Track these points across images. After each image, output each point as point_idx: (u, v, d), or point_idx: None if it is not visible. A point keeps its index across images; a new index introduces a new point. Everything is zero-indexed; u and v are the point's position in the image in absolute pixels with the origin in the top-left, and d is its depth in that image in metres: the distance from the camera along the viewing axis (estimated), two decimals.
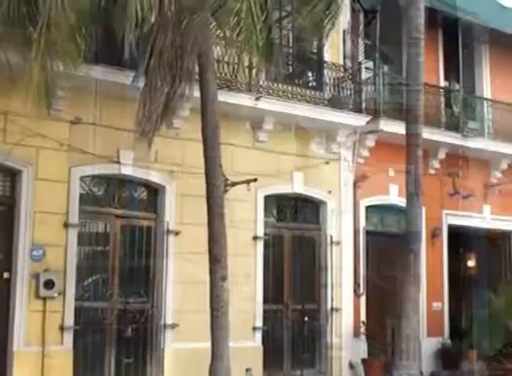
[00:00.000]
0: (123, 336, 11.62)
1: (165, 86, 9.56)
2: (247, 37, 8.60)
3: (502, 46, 16.92)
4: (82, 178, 11.51)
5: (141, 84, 9.94)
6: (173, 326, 11.93)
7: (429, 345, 15.06)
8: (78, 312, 11.19)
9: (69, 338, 10.96)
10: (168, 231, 12.11)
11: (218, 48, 11.24)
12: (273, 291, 13.41)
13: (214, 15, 8.80)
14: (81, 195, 11.49)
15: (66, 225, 11.09)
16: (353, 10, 14.53)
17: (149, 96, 9.43)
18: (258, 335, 12.95)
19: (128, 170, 11.80)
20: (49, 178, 10.95)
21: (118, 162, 11.68)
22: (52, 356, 10.61)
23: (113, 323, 11.58)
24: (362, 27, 14.85)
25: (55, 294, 10.77)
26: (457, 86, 16.65)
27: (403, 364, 10.42)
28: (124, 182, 12.07)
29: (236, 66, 11.97)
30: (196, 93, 10.13)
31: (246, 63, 9.49)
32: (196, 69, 10.07)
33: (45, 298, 10.71)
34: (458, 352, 15.28)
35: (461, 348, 15.29)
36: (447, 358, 15.20)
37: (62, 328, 10.88)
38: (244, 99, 12.49)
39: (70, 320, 10.99)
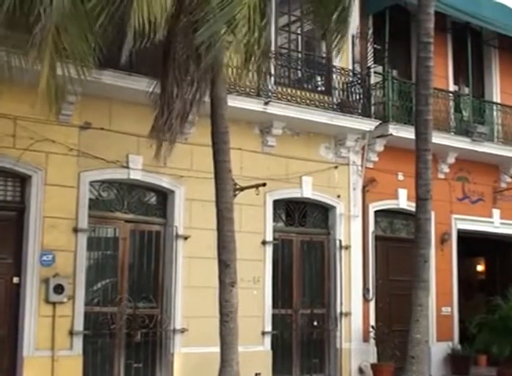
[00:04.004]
0: (132, 341, 11.64)
1: (182, 92, 9.55)
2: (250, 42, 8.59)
3: None
4: (91, 183, 11.55)
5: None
6: (182, 330, 11.94)
7: (438, 349, 15.04)
8: (88, 317, 11.22)
9: (78, 342, 10.99)
10: (177, 236, 12.13)
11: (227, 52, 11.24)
12: (282, 296, 13.41)
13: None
14: (91, 200, 11.53)
15: (75, 230, 11.12)
16: (362, 15, 14.54)
17: (167, 103, 9.43)
18: (267, 340, 12.95)
19: (137, 175, 11.83)
20: (59, 184, 10.98)
21: (127, 167, 11.71)
22: (62, 361, 10.64)
23: (122, 328, 11.60)
24: (370, 31, 14.84)
25: (65, 299, 10.79)
26: (466, 90, 16.64)
27: (412, 369, 10.35)
28: (133, 186, 12.10)
29: (244, 71, 11.97)
30: (205, 98, 10.13)
31: (254, 68, 9.47)
32: None
33: (54, 303, 10.73)
34: (467, 356, 15.24)
35: (470, 352, 15.25)
36: (456, 363, 15.15)
37: (71, 333, 10.91)
38: (253, 104, 12.51)
39: (79, 325, 11.01)
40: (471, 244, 16.93)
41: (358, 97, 14.18)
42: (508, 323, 14.26)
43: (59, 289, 10.71)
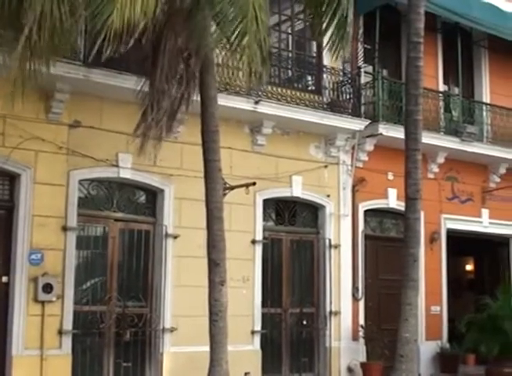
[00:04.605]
0: (121, 340, 11.61)
1: (171, 89, 9.56)
2: (250, 42, 8.58)
3: (502, 51, 16.94)
4: (81, 182, 11.52)
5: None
6: (171, 330, 11.93)
7: (427, 348, 15.08)
8: (77, 316, 11.20)
9: (67, 342, 10.96)
10: (167, 235, 12.11)
11: (218, 51, 11.23)
12: (272, 295, 13.42)
13: (216, 19, 8.79)
14: (80, 198, 11.51)
15: (64, 229, 11.08)
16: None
17: (156, 100, 9.43)
18: (257, 339, 12.95)
19: (126, 173, 11.81)
20: (48, 182, 10.93)
21: (117, 166, 11.69)
22: (51, 360, 10.60)
23: (111, 327, 11.57)
24: (361, 31, 14.86)
25: (54, 298, 10.75)
26: (456, 90, 16.68)
27: (402, 368, 10.38)
28: (122, 185, 12.07)
29: (235, 70, 11.98)
30: (196, 96, 10.13)
31: (245, 67, 9.46)
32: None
33: (43, 302, 10.69)
34: (456, 355, 15.29)
35: (459, 351, 15.29)
36: (445, 361, 15.19)
37: (60, 332, 10.88)
38: (243, 103, 12.50)
39: (68, 324, 10.98)
40: (460, 244, 16.98)
41: (348, 97, 14.19)
42: (496, 322, 14.31)
43: (48, 288, 10.66)
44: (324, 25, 10.06)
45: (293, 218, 14.11)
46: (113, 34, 7.91)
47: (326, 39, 10.33)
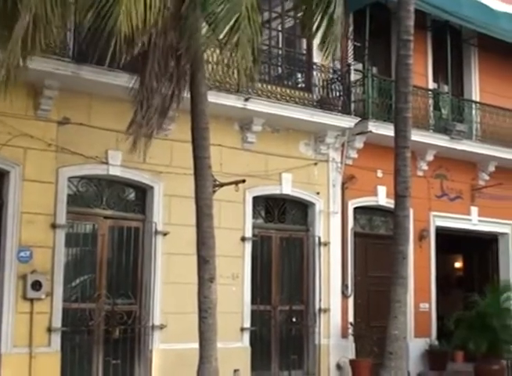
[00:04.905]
0: (111, 337, 11.59)
1: (161, 87, 9.55)
2: (242, 41, 8.60)
3: (492, 49, 16.97)
4: (70, 179, 11.49)
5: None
6: (161, 327, 11.92)
7: (416, 345, 15.12)
8: (66, 313, 11.17)
9: (56, 339, 10.94)
10: (156, 232, 12.10)
11: (209, 49, 11.21)
12: (261, 292, 13.42)
13: (208, 19, 8.80)
14: (69, 196, 11.47)
15: (53, 226, 11.05)
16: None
17: (146, 98, 9.42)
18: (246, 336, 12.95)
19: (116, 171, 11.78)
20: (37, 179, 10.91)
21: (106, 163, 11.66)
22: (40, 358, 10.58)
23: (100, 325, 11.55)
24: (351, 29, 14.87)
25: (43, 296, 10.73)
26: (446, 88, 16.71)
27: (391, 365, 10.40)
28: (112, 182, 12.05)
29: (226, 68, 11.95)
30: (186, 94, 10.10)
31: (237, 65, 9.46)
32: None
33: (32, 300, 10.66)
34: (445, 352, 15.34)
35: (448, 349, 15.34)
36: (434, 359, 15.24)
37: (49, 330, 10.86)
38: (233, 100, 12.49)
39: (57, 322, 10.96)
40: (449, 241, 17.02)
41: (338, 94, 14.20)
42: (485, 320, 14.38)
43: (36, 285, 10.64)
44: (314, 23, 10.06)
45: (282, 215, 14.12)
46: (124, 37, 8.02)
47: (316, 37, 10.34)
